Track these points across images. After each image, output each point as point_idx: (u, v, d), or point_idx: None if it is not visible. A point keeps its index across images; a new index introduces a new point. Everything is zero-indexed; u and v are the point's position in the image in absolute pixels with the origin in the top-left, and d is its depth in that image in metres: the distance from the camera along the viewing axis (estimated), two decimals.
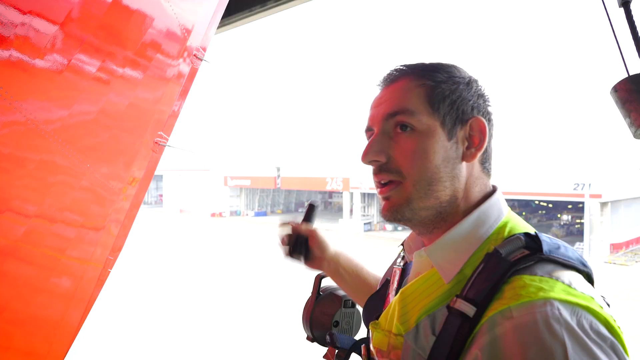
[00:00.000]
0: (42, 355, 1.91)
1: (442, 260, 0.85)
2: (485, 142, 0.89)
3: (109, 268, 2.07)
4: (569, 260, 0.78)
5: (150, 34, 1.87)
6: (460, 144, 0.89)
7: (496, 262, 0.77)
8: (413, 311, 0.85)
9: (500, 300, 0.72)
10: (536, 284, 0.71)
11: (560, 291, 0.70)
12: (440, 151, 0.86)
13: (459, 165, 0.88)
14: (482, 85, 0.94)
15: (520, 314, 0.68)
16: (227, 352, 13.18)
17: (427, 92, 0.88)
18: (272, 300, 17.54)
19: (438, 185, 0.86)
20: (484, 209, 0.88)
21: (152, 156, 2.09)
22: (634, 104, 0.97)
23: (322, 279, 1.45)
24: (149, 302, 17.92)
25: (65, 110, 1.63)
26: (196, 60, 2.18)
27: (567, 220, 45.47)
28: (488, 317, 0.71)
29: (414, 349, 0.82)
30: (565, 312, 0.67)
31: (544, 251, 0.77)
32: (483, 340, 0.70)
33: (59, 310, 1.92)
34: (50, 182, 1.69)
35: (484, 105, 0.92)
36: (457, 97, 0.89)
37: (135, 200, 2.12)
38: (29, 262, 1.71)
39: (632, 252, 32.07)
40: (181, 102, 2.19)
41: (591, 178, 30.25)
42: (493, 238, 0.85)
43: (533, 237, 0.80)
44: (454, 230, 0.87)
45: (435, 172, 0.86)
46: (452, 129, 0.88)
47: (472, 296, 0.75)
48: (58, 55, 1.52)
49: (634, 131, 0.99)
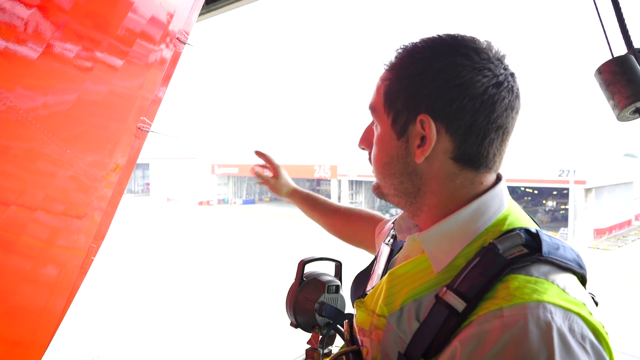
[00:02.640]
0: (26, 344, 1.89)
1: (435, 249, 0.83)
2: (429, 140, 0.81)
3: (92, 256, 2.04)
4: (566, 263, 0.76)
5: (132, 17, 1.83)
6: (412, 141, 0.84)
7: (492, 258, 0.74)
8: (399, 294, 0.84)
9: (492, 299, 0.70)
10: (531, 285, 0.70)
11: (554, 295, 0.69)
12: (388, 150, 0.88)
13: (412, 162, 0.85)
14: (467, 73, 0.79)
15: (511, 313, 0.67)
16: (213, 339, 13.22)
17: (386, 89, 0.88)
18: (258, 288, 17.59)
19: (392, 180, 0.90)
20: (484, 199, 0.84)
21: (135, 142, 2.06)
22: (617, 86, 0.97)
23: (305, 265, 1.45)
24: (136, 291, 17.87)
25: (46, 97, 1.60)
26: (179, 44, 2.14)
27: (552, 206, 46.10)
28: (478, 315, 0.70)
29: (396, 331, 0.81)
30: (558, 316, 0.66)
31: (543, 252, 0.75)
32: (466, 334, 0.69)
33: (42, 298, 1.90)
34: (32, 170, 1.67)
35: (447, 97, 0.80)
36: (412, 93, 0.83)
37: (119, 187, 2.09)
38: (10, 251, 1.69)
39: (614, 237, 32.67)
40: (164, 88, 2.15)
41: (576, 164, 30.66)
42: (490, 230, 0.82)
43: (534, 235, 0.78)
44: (452, 219, 0.84)
45: (385, 167, 0.90)
46: (403, 127, 0.85)
47: (464, 290, 0.73)
48: (37, 41, 1.48)
49: (617, 113, 0.98)
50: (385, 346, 0.84)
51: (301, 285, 1.41)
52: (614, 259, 25.41)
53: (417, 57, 0.84)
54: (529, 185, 38.29)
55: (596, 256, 26.63)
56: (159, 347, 12.81)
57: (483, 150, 0.83)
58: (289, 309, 1.41)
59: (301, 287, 1.41)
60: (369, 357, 0.89)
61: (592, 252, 28.24)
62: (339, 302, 1.41)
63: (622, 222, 36.23)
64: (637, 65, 0.98)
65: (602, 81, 1.00)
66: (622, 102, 0.96)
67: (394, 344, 0.81)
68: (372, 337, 0.88)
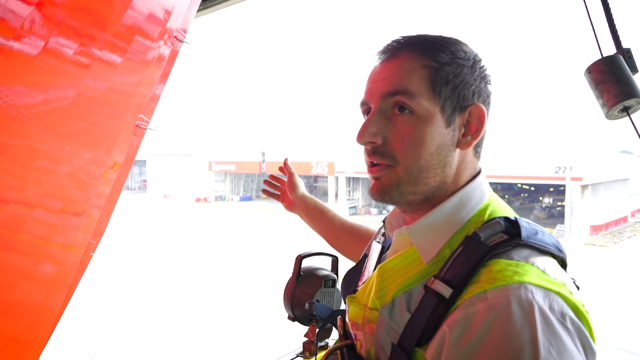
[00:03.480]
0: (25, 341, 1.90)
1: (422, 241, 0.86)
2: (482, 130, 0.87)
3: (91, 252, 2.06)
4: (545, 246, 0.79)
5: (130, 15, 1.84)
6: (457, 130, 0.86)
7: (475, 246, 0.78)
8: (390, 287, 0.87)
9: (476, 283, 0.73)
10: (512, 268, 0.73)
11: (534, 276, 0.72)
12: (436, 138, 0.84)
13: (452, 152, 0.86)
14: (485, 65, 0.90)
15: (494, 295, 0.70)
16: (211, 334, 13.24)
17: (430, 75, 0.84)
18: (255, 283, 17.60)
19: (429, 172, 0.85)
20: (466, 191, 0.88)
21: (134, 140, 2.07)
22: (606, 85, 0.99)
23: (302, 260, 1.47)
24: (134, 288, 17.86)
25: (45, 94, 1.60)
26: (177, 42, 2.15)
27: (549, 203, 46.18)
28: (464, 299, 0.73)
29: (389, 323, 0.84)
30: (539, 295, 0.69)
31: (522, 237, 0.78)
32: (454, 317, 0.72)
33: (41, 296, 1.91)
34: (31, 167, 1.67)
35: (485, 89, 0.89)
36: (460, 81, 0.85)
37: (117, 184, 2.10)
38: (9, 249, 1.70)
39: (611, 234, 32.76)
40: (162, 85, 2.16)
41: (572, 161, 30.69)
42: (473, 221, 0.85)
43: (513, 222, 0.81)
44: (436, 212, 0.87)
45: (428, 159, 0.84)
46: (451, 115, 0.85)
47: (450, 278, 0.76)
48: (37, 38, 1.49)
49: (606, 112, 1.01)
50: (378, 338, 0.85)
51: (298, 280, 1.44)
52: (610, 256, 25.50)
53: (456, 48, 0.88)
54: (526, 182, 38.32)
55: (592, 253, 26.73)
56: (156, 343, 12.82)
57: (485, 136, 0.90)
58: (286, 303, 1.44)
59: (298, 282, 1.43)
60: (363, 350, 0.90)
61: (589, 248, 28.34)
62: (335, 296, 1.43)
63: (618, 219, 36.32)
64: (625, 65, 1.00)
65: (592, 80, 1.03)
66: (611, 101, 0.98)
67: (387, 335, 0.83)
68: (365, 330, 0.90)
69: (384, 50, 0.90)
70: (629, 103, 0.99)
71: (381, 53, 0.91)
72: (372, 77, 0.90)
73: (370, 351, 0.88)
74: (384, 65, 0.89)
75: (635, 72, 1.01)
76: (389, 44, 0.90)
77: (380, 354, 0.85)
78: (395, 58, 0.87)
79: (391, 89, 0.85)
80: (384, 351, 0.84)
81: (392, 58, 0.88)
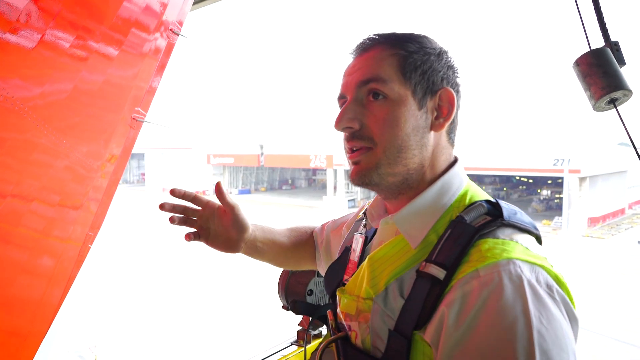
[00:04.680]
0: (23, 334, 1.90)
1: (408, 227, 0.90)
2: (453, 112, 0.93)
3: (89, 244, 2.07)
4: (524, 225, 0.86)
5: (126, 7, 1.84)
6: (430, 113, 0.92)
7: (462, 228, 0.82)
8: (382, 275, 0.90)
9: (468, 263, 0.78)
10: (500, 246, 0.78)
11: (520, 252, 0.78)
12: (410, 119, 0.89)
13: (427, 134, 0.92)
14: (452, 57, 0.97)
15: (486, 272, 0.75)
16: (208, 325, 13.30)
17: (400, 62, 0.91)
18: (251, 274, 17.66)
19: (407, 153, 0.90)
20: (447, 178, 0.93)
21: (130, 132, 2.08)
22: (593, 78, 1.01)
23: None
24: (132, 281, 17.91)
25: (41, 87, 1.61)
26: (172, 35, 2.15)
27: (547, 195, 46.28)
28: (458, 279, 0.77)
29: (383, 310, 0.87)
30: (526, 269, 0.75)
31: (504, 217, 0.83)
32: (450, 297, 0.76)
33: (39, 289, 1.91)
34: (28, 161, 1.68)
35: (453, 76, 0.95)
36: (428, 67, 0.91)
37: (114, 177, 2.11)
38: (6, 242, 1.70)
39: (608, 226, 32.88)
40: (159, 78, 2.17)
41: (570, 153, 30.74)
42: (455, 206, 0.90)
43: (494, 204, 0.87)
44: (420, 199, 0.92)
45: (405, 139, 0.89)
46: (423, 98, 0.91)
47: (442, 260, 0.80)
48: (33, 31, 1.49)
49: (593, 104, 1.03)
50: (374, 326, 0.89)
51: (292, 270, 1.46)
52: (608, 247, 25.61)
53: (423, 40, 0.95)
54: (524, 174, 38.42)
55: (590, 244, 26.83)
56: (154, 334, 12.88)
57: (457, 123, 0.97)
58: (281, 293, 1.46)
59: (293, 271, 1.45)
60: (358, 341, 0.93)
61: (586, 240, 28.44)
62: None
63: (615, 211, 36.44)
64: (612, 58, 1.01)
65: (580, 73, 1.04)
66: (598, 93, 1.00)
67: (383, 323, 0.87)
68: (359, 321, 0.92)
69: (357, 46, 0.98)
70: (615, 95, 1.01)
71: (355, 50, 0.98)
72: (347, 71, 0.97)
73: (366, 340, 0.91)
74: (358, 59, 0.96)
75: (623, 65, 1.03)
76: (362, 41, 0.97)
77: (376, 342, 0.88)
78: (367, 52, 0.95)
79: (364, 77, 0.92)
80: (380, 338, 0.87)
81: (364, 52, 0.95)
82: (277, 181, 63.05)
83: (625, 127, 1.00)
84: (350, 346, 0.95)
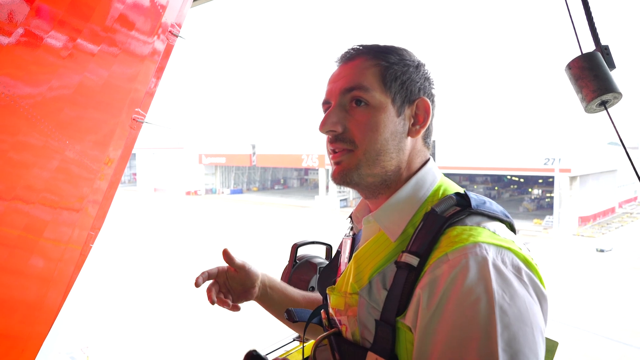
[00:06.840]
0: (23, 337, 1.90)
1: (387, 222, 0.98)
2: (429, 120, 1.01)
3: (90, 243, 2.08)
4: (493, 213, 0.93)
5: (126, 10, 1.86)
6: (407, 120, 1.00)
7: (434, 219, 0.89)
8: (365, 270, 0.96)
9: (438, 249, 0.85)
10: (467, 232, 0.85)
11: (487, 236, 0.84)
12: (389, 125, 0.97)
13: (404, 139, 1.00)
14: (429, 70, 1.05)
15: (454, 256, 0.81)
16: (204, 325, 13.29)
17: (381, 72, 0.99)
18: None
19: (385, 156, 0.97)
20: (420, 175, 1.01)
21: (130, 133, 2.09)
22: (585, 81, 1.06)
23: (298, 248, 1.53)
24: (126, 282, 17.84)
25: (43, 89, 1.62)
26: (171, 37, 2.17)
27: (538, 195, 46.60)
28: (430, 264, 0.84)
29: (369, 303, 0.93)
30: (492, 251, 0.81)
31: (472, 206, 0.91)
32: (424, 281, 0.83)
33: (39, 292, 1.91)
34: (29, 163, 1.68)
35: (429, 87, 1.04)
36: (407, 78, 1.00)
37: (114, 178, 2.12)
38: (6, 245, 1.70)
39: (599, 225, 33.18)
40: (157, 80, 2.18)
41: (561, 153, 30.97)
42: (430, 200, 0.98)
43: (463, 195, 0.95)
44: (396, 195, 0.99)
45: (383, 143, 0.97)
46: (401, 106, 0.99)
47: (416, 249, 0.87)
48: (33, 32, 1.50)
49: (585, 106, 1.07)
50: (361, 318, 0.95)
51: (294, 267, 1.49)
52: (598, 246, 25.84)
53: (403, 53, 1.03)
54: (515, 173, 38.66)
55: (580, 243, 27.06)
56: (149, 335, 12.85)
57: (432, 129, 1.05)
58: None
59: (294, 269, 1.49)
60: (349, 334, 1.00)
61: (577, 239, 28.69)
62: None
63: (606, 210, 36.81)
64: (603, 62, 1.07)
65: (572, 76, 1.09)
66: (589, 96, 1.05)
67: (369, 314, 0.94)
68: (348, 314, 0.99)
69: (342, 56, 1.05)
70: (606, 97, 1.05)
71: (339, 59, 1.06)
72: (332, 79, 1.05)
73: (355, 333, 0.97)
74: (342, 67, 1.04)
75: (613, 68, 1.08)
76: (346, 51, 1.05)
77: (365, 333, 0.95)
78: (351, 61, 1.02)
79: (348, 85, 0.99)
80: (368, 329, 0.94)
81: (349, 61, 1.03)
82: (270, 181, 63.11)
83: (616, 128, 1.05)
84: (343, 340, 1.01)
